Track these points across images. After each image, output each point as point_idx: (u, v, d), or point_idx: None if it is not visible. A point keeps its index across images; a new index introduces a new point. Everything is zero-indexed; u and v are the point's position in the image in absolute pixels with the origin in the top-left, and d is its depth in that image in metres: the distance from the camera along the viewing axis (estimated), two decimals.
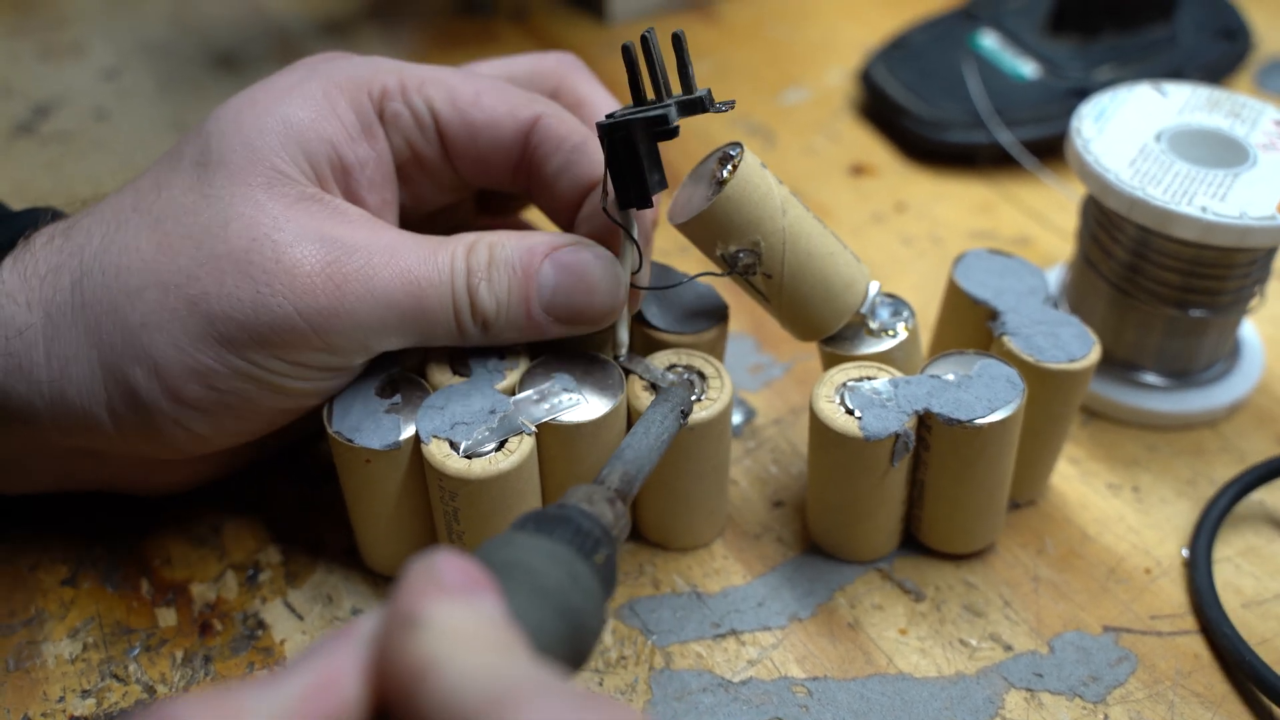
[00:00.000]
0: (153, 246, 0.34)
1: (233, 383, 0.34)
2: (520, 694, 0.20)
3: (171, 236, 0.34)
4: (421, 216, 0.40)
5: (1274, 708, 0.36)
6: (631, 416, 0.37)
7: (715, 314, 0.40)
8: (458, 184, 0.40)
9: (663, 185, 0.35)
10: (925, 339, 0.46)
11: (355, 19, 0.72)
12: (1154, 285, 0.43)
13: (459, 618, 0.21)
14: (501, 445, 0.34)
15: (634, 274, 0.36)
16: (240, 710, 0.20)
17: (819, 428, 0.36)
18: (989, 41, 0.62)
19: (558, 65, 0.41)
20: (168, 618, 0.38)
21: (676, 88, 0.34)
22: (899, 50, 0.63)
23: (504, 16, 0.72)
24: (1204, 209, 0.40)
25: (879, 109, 0.62)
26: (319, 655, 0.22)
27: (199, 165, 0.35)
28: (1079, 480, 0.43)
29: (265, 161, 0.34)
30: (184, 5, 0.73)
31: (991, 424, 0.35)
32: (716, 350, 0.40)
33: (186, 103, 0.64)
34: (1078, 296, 0.46)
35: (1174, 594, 0.39)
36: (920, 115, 0.59)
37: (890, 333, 0.39)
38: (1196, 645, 0.38)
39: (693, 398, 0.36)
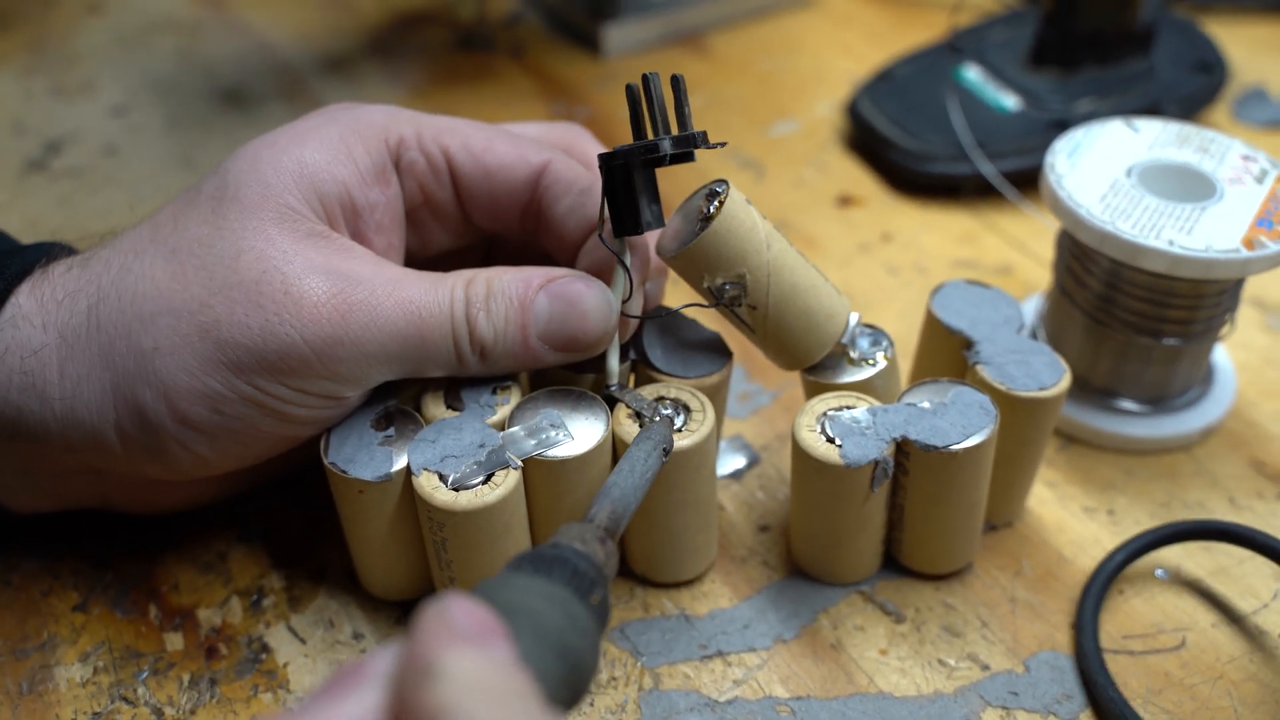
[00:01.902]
0: (168, 275, 0.36)
1: (238, 408, 0.36)
2: None
3: (186, 266, 0.36)
4: (427, 260, 0.42)
5: None
6: (617, 449, 0.38)
7: (719, 359, 0.41)
8: (466, 229, 0.41)
9: (660, 220, 0.37)
10: (908, 365, 0.47)
11: (357, 55, 0.74)
12: (1127, 315, 0.44)
13: (474, 667, 0.22)
14: (489, 479, 0.36)
15: (625, 302, 0.38)
16: None
17: (801, 456, 0.38)
18: (972, 75, 0.64)
19: (565, 132, 0.43)
20: (175, 642, 0.40)
21: (674, 128, 0.36)
22: (885, 83, 0.65)
23: (503, 52, 0.74)
24: (1171, 242, 0.41)
25: (865, 141, 0.64)
26: (335, 696, 0.22)
27: (215, 200, 0.37)
28: (1056, 504, 0.45)
29: (278, 199, 0.36)
30: (191, 44, 0.75)
31: (966, 449, 0.37)
32: (720, 393, 0.41)
33: (194, 138, 0.66)
34: (1055, 325, 0.48)
35: (1146, 614, 0.40)
36: (905, 147, 0.61)
37: (870, 362, 0.40)
38: (1167, 664, 0.39)
39: (678, 427, 0.38)
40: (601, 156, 0.36)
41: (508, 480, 0.36)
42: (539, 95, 0.70)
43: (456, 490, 0.35)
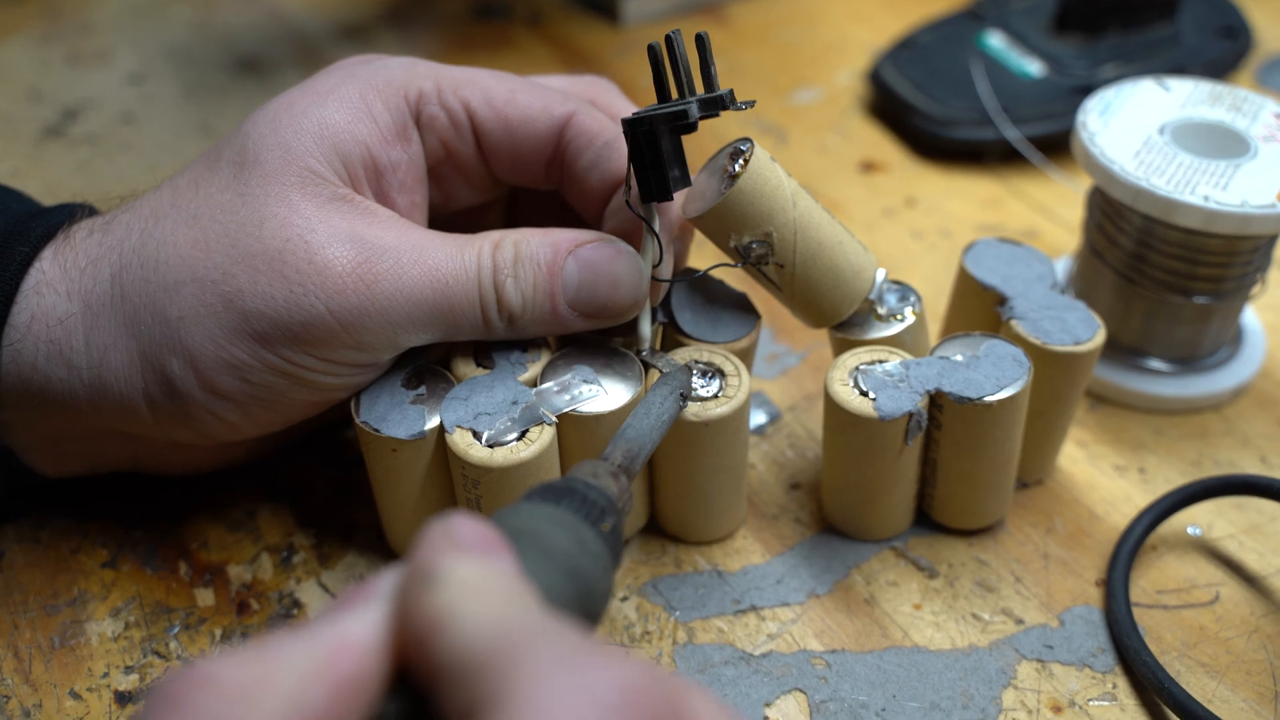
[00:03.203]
0: (190, 242, 0.35)
1: (265, 376, 0.35)
2: (526, 641, 0.21)
3: (208, 233, 0.35)
4: (451, 215, 0.42)
5: None
6: None
7: (747, 321, 0.40)
8: (490, 182, 0.41)
9: (686, 182, 0.36)
10: (936, 327, 0.47)
11: (373, 23, 0.73)
12: (1159, 273, 0.44)
13: (474, 573, 0.22)
14: (523, 435, 0.36)
15: (655, 267, 0.38)
16: (269, 668, 0.21)
17: (834, 410, 0.38)
18: (995, 41, 0.64)
19: (591, 85, 0.42)
20: (206, 598, 0.40)
21: (699, 87, 0.35)
22: (907, 50, 0.65)
23: (519, 21, 0.74)
24: (1206, 198, 0.41)
25: (889, 107, 0.64)
26: (342, 611, 0.22)
27: (236, 164, 0.36)
28: (1087, 462, 0.44)
29: (300, 162, 0.35)
30: (206, 12, 0.75)
31: (1000, 401, 0.37)
32: (748, 356, 0.41)
33: (210, 106, 0.65)
34: (1085, 286, 0.48)
35: (1179, 569, 0.40)
36: (929, 113, 0.61)
37: (898, 317, 0.40)
38: (1202, 618, 0.39)
39: (703, 389, 0.37)
40: (625, 122, 0.35)
41: (542, 436, 0.35)
42: (557, 64, 0.69)
43: (491, 447, 0.35)
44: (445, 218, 0.42)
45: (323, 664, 0.21)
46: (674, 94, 0.35)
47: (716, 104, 0.35)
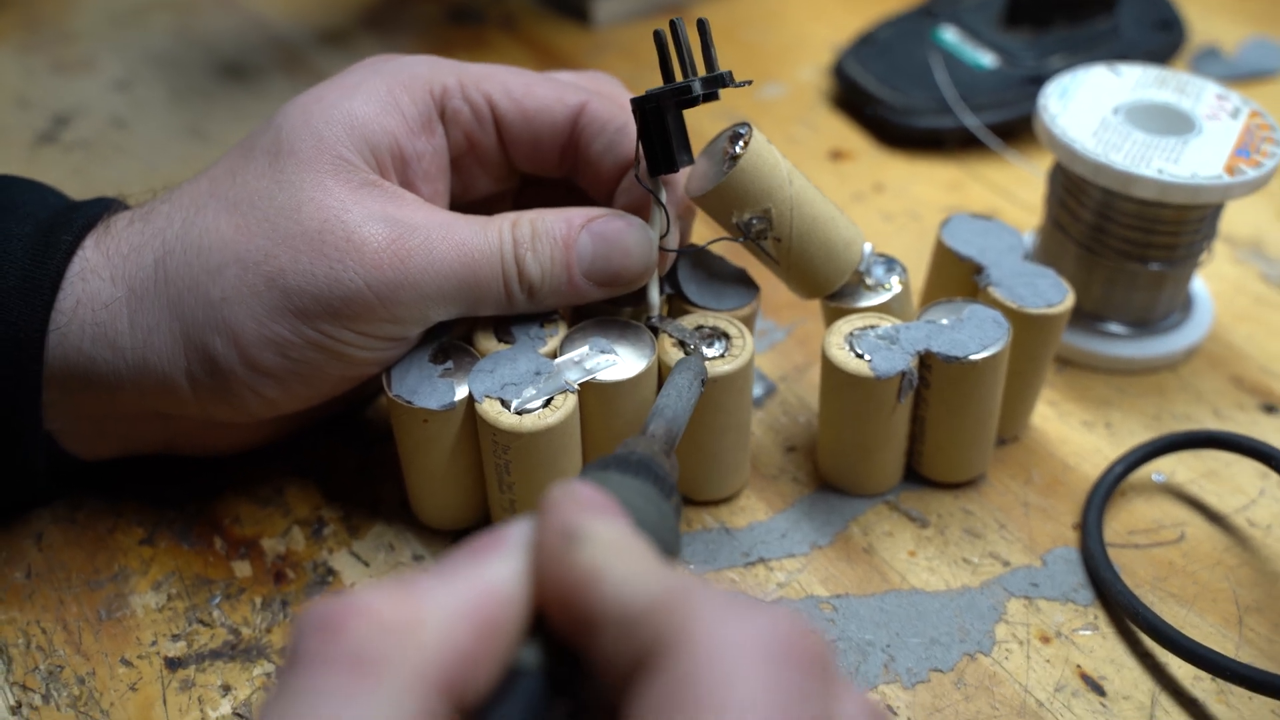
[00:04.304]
0: (231, 228, 0.37)
1: (305, 352, 0.37)
2: (685, 591, 0.22)
3: (248, 219, 0.37)
4: (467, 204, 0.44)
5: (1175, 658, 0.39)
6: (662, 374, 0.40)
7: (748, 291, 0.43)
8: (507, 172, 0.44)
9: (690, 158, 0.39)
10: (914, 301, 0.50)
11: (352, 28, 0.75)
12: (1117, 243, 0.48)
13: (612, 532, 0.23)
14: (548, 403, 0.38)
15: (663, 237, 0.41)
16: (421, 608, 0.22)
17: (832, 372, 0.41)
18: (949, 36, 0.67)
19: (595, 79, 0.45)
20: (243, 569, 0.42)
21: (701, 69, 0.38)
22: (868, 46, 0.68)
23: (494, 24, 0.77)
24: (1160, 171, 0.45)
25: (852, 99, 0.67)
26: (479, 559, 0.24)
27: (271, 154, 0.38)
28: (1057, 420, 0.48)
29: (332, 150, 0.38)
30: (186, 20, 0.76)
31: (985, 359, 0.40)
32: (749, 325, 0.43)
33: (199, 110, 0.67)
34: (1048, 258, 0.51)
35: (1147, 512, 0.44)
36: (892, 103, 0.64)
37: (885, 287, 0.43)
38: (1170, 555, 0.42)
39: (709, 350, 0.40)
40: (634, 100, 0.38)
41: (566, 403, 0.38)
42: (532, 65, 0.71)
43: (519, 414, 0.38)
44: (462, 206, 0.44)
45: (471, 607, 0.22)
46: (679, 76, 0.38)
47: (717, 82, 0.38)
